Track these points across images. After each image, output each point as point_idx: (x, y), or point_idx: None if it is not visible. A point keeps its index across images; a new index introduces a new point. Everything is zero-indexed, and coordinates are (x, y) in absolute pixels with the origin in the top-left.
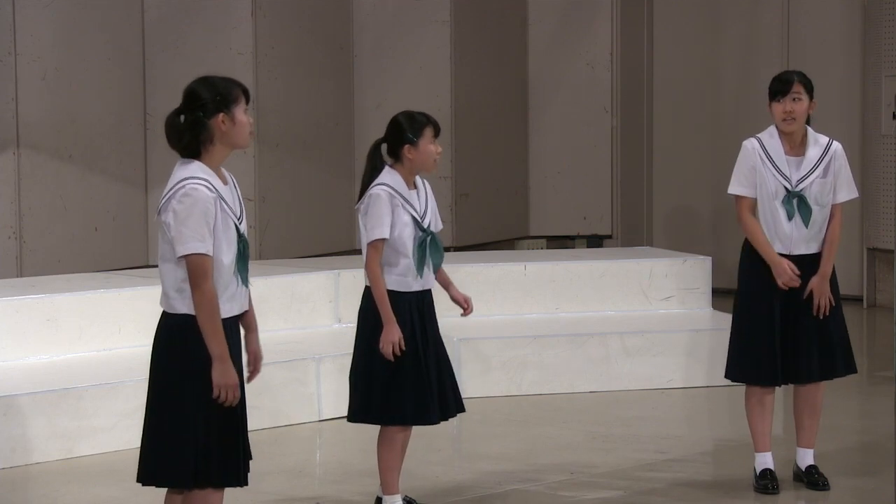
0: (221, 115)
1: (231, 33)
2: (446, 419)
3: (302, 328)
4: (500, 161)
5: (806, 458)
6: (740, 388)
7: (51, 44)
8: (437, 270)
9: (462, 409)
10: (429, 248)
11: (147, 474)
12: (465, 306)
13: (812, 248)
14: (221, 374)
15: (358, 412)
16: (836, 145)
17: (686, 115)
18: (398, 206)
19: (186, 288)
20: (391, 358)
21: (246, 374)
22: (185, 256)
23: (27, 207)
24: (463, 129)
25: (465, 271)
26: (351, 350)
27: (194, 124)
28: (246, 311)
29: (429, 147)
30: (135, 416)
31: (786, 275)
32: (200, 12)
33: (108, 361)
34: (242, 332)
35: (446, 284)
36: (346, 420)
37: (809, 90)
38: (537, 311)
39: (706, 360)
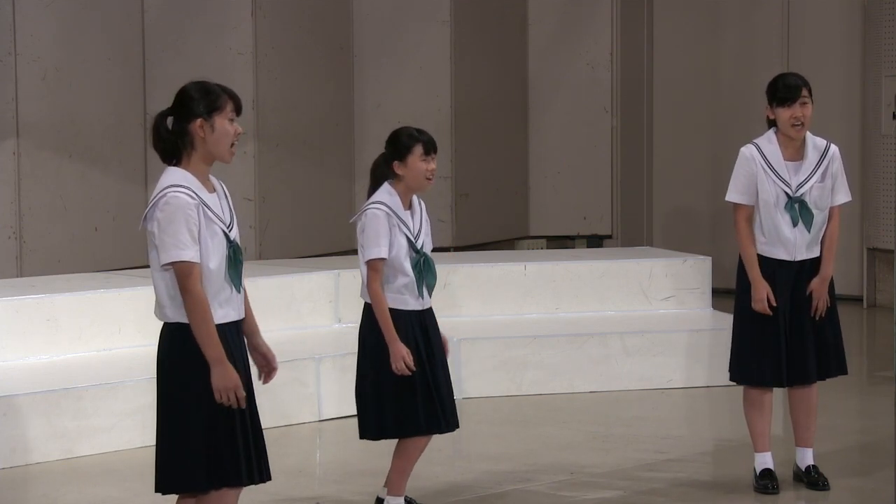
0: (200, 120)
1: (231, 33)
2: (452, 430)
3: (302, 328)
4: (500, 161)
5: (805, 457)
6: (740, 389)
7: (51, 44)
8: (431, 291)
9: (457, 426)
10: (423, 269)
11: (162, 483)
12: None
13: (813, 253)
14: (220, 377)
15: (372, 429)
16: (834, 148)
17: (686, 115)
18: (394, 227)
19: (177, 295)
20: (408, 373)
21: (261, 376)
22: (171, 264)
23: (27, 207)
24: (463, 129)
25: (465, 271)
26: (351, 350)
27: (174, 127)
28: (247, 317)
29: (418, 164)
30: (135, 416)
31: (761, 304)
32: (200, 12)
33: (108, 361)
34: (245, 338)
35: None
36: (358, 437)
37: (811, 93)
38: (537, 311)
39: (706, 360)
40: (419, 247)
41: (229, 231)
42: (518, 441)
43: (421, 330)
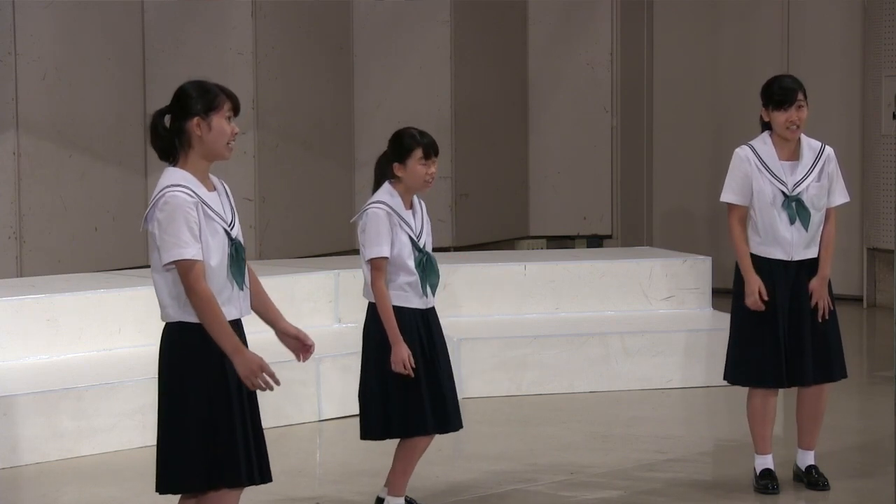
0: (197, 118)
1: (231, 33)
2: (457, 429)
3: (302, 328)
4: (500, 161)
5: (806, 458)
6: (740, 389)
7: (51, 44)
8: (435, 290)
9: (461, 426)
10: (426, 268)
11: (163, 483)
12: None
13: (811, 253)
14: (242, 364)
15: (376, 429)
16: (829, 149)
17: (686, 115)
18: (396, 226)
19: (180, 294)
20: (411, 374)
21: (299, 357)
22: (173, 263)
23: (27, 207)
24: (463, 128)
25: (465, 271)
26: (351, 350)
27: (171, 125)
28: (266, 308)
29: (417, 168)
30: (135, 416)
31: (753, 297)
32: (200, 12)
33: (108, 361)
34: (270, 327)
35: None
36: (359, 438)
37: (806, 96)
38: (537, 311)
39: (706, 360)
40: (421, 246)
41: (231, 229)
42: (518, 441)
43: (425, 329)
